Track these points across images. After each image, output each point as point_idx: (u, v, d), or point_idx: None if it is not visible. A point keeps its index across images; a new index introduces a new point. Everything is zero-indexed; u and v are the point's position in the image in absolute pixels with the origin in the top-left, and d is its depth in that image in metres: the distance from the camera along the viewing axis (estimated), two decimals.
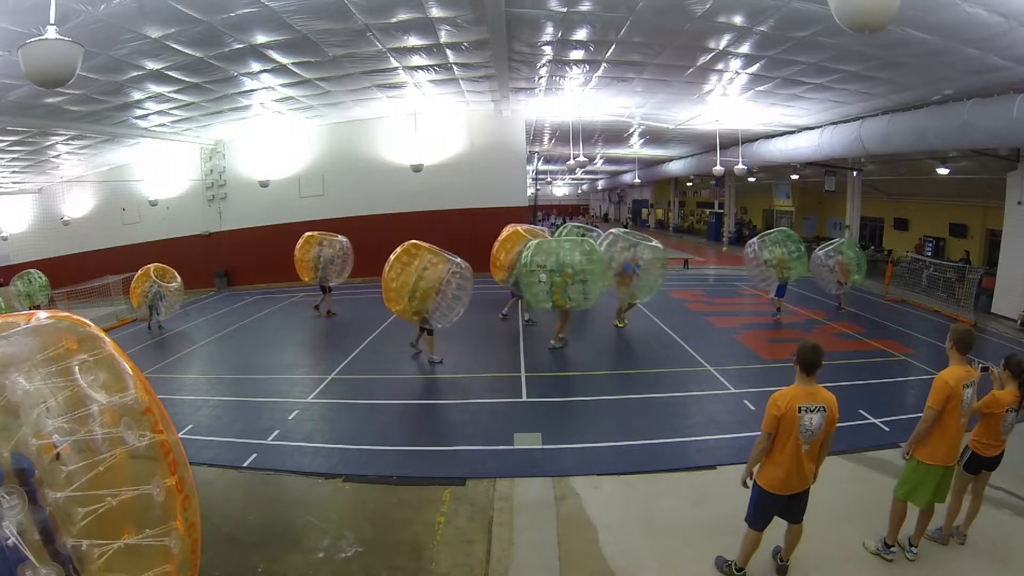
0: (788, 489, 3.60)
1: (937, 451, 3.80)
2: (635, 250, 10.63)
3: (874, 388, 7.65)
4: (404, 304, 8.81)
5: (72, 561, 2.16)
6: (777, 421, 3.48)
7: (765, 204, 28.04)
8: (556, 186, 55.68)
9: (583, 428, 6.61)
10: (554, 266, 9.13)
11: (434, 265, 8.93)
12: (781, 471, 3.56)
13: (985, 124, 9.89)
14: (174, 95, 12.07)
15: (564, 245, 9.51)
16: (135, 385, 2.51)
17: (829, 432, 3.57)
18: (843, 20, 3.70)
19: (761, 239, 12.30)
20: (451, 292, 8.96)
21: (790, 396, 3.49)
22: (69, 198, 20.48)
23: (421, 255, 8.99)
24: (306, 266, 13.32)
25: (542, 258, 9.21)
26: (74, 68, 4.44)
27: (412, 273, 8.80)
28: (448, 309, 8.98)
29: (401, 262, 8.94)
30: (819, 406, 3.48)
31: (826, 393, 3.55)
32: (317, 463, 5.92)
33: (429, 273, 8.85)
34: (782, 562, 3.90)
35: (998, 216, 13.00)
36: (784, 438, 3.51)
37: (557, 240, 10.04)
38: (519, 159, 18.74)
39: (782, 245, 11.98)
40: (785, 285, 12.10)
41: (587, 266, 9.15)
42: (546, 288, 9.14)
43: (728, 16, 8.04)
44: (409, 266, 8.88)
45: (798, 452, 3.51)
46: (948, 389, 3.66)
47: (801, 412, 3.46)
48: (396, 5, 8.44)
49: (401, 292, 8.78)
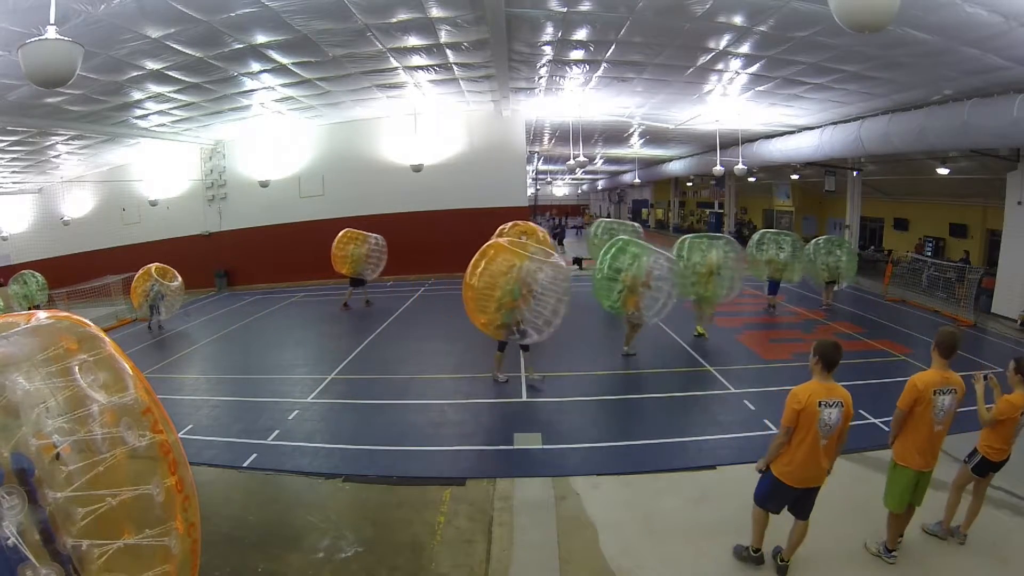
0: (804, 483, 3.69)
1: (906, 453, 3.84)
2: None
3: (874, 388, 7.65)
4: (490, 315, 7.59)
5: (72, 561, 2.16)
6: (797, 415, 3.56)
7: (765, 204, 28.04)
8: (556, 186, 55.70)
9: (583, 428, 6.61)
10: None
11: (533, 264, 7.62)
12: (796, 466, 3.65)
13: (985, 124, 9.89)
14: (174, 95, 12.07)
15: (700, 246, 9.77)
16: (135, 385, 2.51)
17: (845, 428, 3.66)
18: (843, 20, 3.70)
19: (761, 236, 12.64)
20: (548, 296, 7.71)
21: (810, 391, 3.57)
22: (69, 198, 20.48)
23: (511, 258, 7.60)
24: (343, 261, 13.97)
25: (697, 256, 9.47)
26: (74, 68, 4.44)
27: (502, 279, 7.53)
28: (543, 318, 7.66)
29: (485, 268, 7.60)
30: (837, 401, 3.57)
31: (842, 389, 3.64)
32: (317, 463, 5.92)
33: (519, 277, 7.58)
34: (782, 562, 3.92)
35: (998, 216, 13.00)
36: (803, 432, 3.58)
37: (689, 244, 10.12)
38: (519, 159, 18.75)
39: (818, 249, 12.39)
40: (778, 283, 12.33)
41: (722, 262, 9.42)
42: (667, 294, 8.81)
43: (728, 16, 8.04)
44: (496, 272, 7.59)
45: (817, 446, 3.58)
46: (916, 392, 3.70)
47: (821, 407, 3.53)
48: (396, 5, 8.44)
49: (488, 300, 7.56)
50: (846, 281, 12.84)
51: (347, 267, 13.99)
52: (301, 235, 18.66)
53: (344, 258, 13.96)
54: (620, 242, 9.32)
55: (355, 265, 13.99)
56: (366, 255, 14.11)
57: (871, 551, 4.06)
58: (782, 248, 12.40)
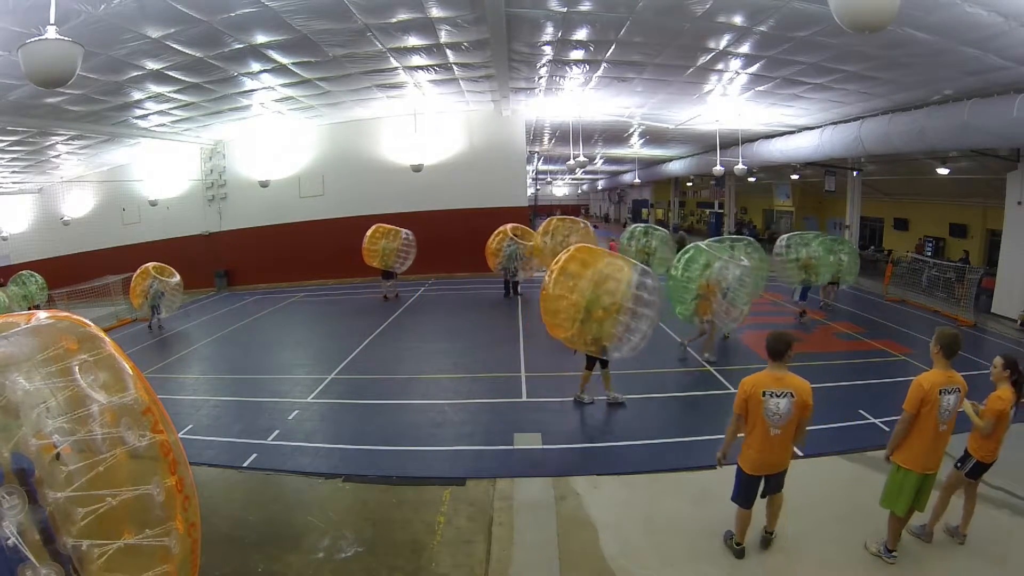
0: (763, 470, 3.85)
1: (910, 456, 3.78)
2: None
3: (874, 388, 7.63)
4: (575, 328, 6.70)
5: (72, 561, 2.16)
6: (744, 403, 3.71)
7: (765, 204, 28.04)
8: (556, 186, 55.70)
9: (583, 428, 6.61)
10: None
11: (617, 272, 6.76)
12: (754, 452, 3.80)
13: (985, 124, 9.88)
14: (174, 95, 12.07)
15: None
16: (135, 385, 2.51)
17: (803, 417, 3.72)
18: (843, 20, 3.70)
19: (789, 238, 12.18)
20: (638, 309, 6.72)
21: (755, 380, 3.72)
22: (69, 198, 20.49)
23: (597, 261, 6.82)
24: (374, 255, 14.61)
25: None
26: (74, 68, 4.44)
27: (587, 286, 6.68)
28: (631, 331, 6.73)
29: (567, 273, 6.77)
30: (786, 391, 3.64)
31: (796, 380, 3.71)
32: (317, 463, 5.92)
33: (612, 285, 6.67)
34: (768, 533, 4.08)
35: (998, 216, 12.99)
36: (752, 420, 3.73)
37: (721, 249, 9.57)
38: (519, 159, 18.75)
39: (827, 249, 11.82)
40: (809, 288, 11.91)
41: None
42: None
43: (728, 16, 8.04)
44: (581, 277, 6.72)
45: (767, 435, 3.71)
46: (922, 392, 3.65)
47: (766, 396, 3.66)
48: (396, 5, 8.44)
49: (572, 311, 6.70)
50: (846, 283, 12.73)
51: (377, 260, 14.52)
52: (301, 235, 18.68)
53: (375, 252, 14.49)
54: (692, 249, 9.30)
55: (385, 259, 14.54)
56: (396, 249, 14.69)
57: (871, 551, 4.05)
58: (839, 258, 11.89)
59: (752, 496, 3.96)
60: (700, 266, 8.87)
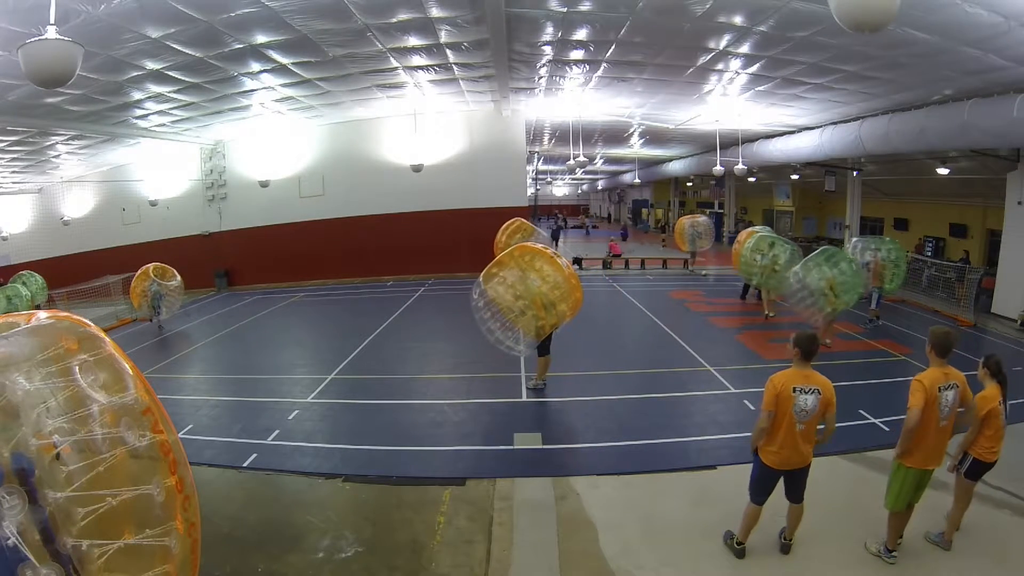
0: (785, 465, 3.85)
1: (912, 452, 3.81)
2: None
3: (874, 388, 7.65)
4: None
5: (72, 561, 2.16)
6: (775, 399, 3.72)
7: (765, 204, 28.03)
8: (556, 186, 55.72)
9: (583, 428, 6.61)
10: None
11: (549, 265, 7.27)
12: (777, 447, 3.81)
13: (985, 124, 9.88)
14: (174, 95, 12.07)
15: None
16: (135, 385, 2.50)
17: (828, 414, 3.78)
18: (843, 20, 3.70)
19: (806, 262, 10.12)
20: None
21: (784, 378, 3.77)
22: (69, 198, 20.49)
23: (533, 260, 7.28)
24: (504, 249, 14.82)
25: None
26: (74, 68, 4.43)
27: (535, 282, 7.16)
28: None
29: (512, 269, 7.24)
30: (814, 388, 3.69)
31: (821, 377, 3.79)
32: (317, 463, 5.92)
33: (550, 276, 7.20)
34: (786, 540, 4.08)
35: (998, 216, 13.00)
36: (780, 417, 3.75)
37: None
38: (519, 159, 18.75)
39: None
40: (881, 295, 11.56)
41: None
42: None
43: (728, 16, 8.04)
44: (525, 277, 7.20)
45: (792, 430, 3.74)
46: (924, 389, 3.67)
47: (796, 392, 3.71)
48: (396, 5, 8.44)
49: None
50: (891, 284, 12.06)
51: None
52: (301, 235, 18.69)
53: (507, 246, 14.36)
54: (829, 251, 9.75)
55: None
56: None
57: (871, 551, 4.06)
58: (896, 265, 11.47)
59: (768, 491, 3.95)
60: (847, 261, 9.51)
